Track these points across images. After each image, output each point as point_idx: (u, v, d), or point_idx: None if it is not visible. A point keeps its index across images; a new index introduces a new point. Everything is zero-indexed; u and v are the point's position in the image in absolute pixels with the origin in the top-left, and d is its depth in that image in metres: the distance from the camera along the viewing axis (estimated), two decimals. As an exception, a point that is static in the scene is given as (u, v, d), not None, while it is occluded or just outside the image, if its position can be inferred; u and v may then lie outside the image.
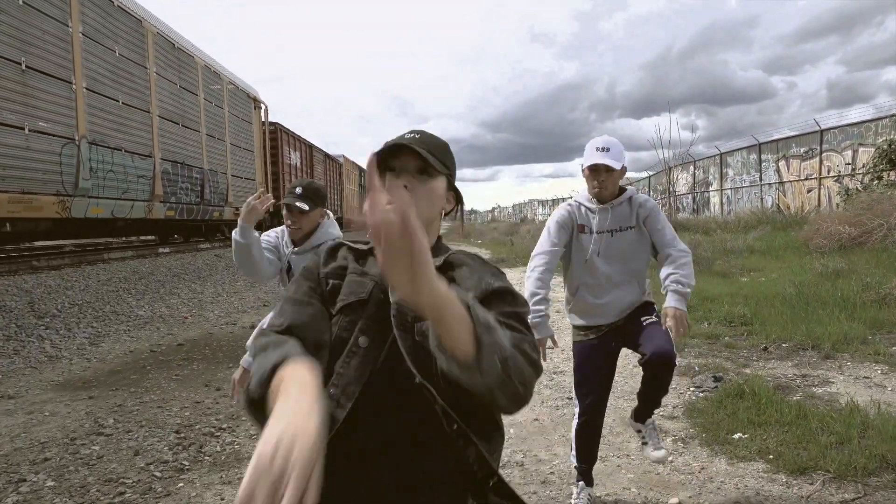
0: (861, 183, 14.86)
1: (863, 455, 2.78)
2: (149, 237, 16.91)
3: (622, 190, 2.57)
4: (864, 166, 15.24)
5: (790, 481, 2.76)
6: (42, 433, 3.82)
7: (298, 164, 24.08)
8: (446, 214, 1.26)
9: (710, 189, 25.07)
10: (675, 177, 27.81)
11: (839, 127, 17.08)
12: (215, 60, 15.52)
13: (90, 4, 9.56)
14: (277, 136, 21.16)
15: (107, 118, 10.12)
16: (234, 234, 2.50)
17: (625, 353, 2.72)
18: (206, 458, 3.42)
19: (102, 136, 9.99)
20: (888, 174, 13.69)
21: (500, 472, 1.04)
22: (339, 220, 33.93)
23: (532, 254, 2.55)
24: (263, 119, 19.48)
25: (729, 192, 23.32)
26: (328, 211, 2.83)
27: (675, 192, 27.37)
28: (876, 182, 13.92)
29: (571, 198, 2.68)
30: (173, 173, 12.90)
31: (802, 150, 18.57)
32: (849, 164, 16.49)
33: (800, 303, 6.19)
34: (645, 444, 2.73)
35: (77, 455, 3.45)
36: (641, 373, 2.47)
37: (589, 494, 2.67)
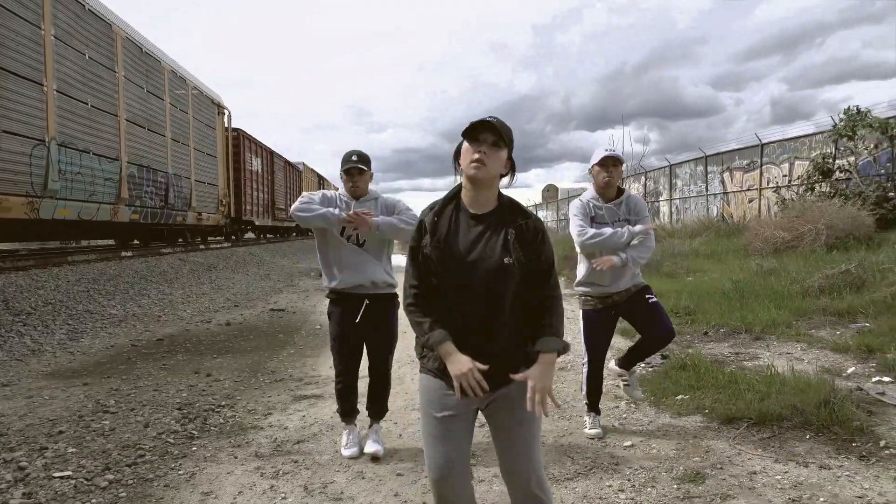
0: (797, 193, 16.02)
1: (778, 405, 3.38)
2: (108, 242, 16.74)
3: (621, 192, 3.31)
4: (799, 178, 16.42)
5: (721, 427, 3.34)
6: (48, 413, 4.07)
7: (260, 171, 24.11)
8: (503, 176, 1.84)
9: (661, 199, 26.27)
10: (627, 187, 28.96)
11: (777, 141, 18.31)
12: (181, 65, 15.59)
13: (62, 7, 9.64)
14: (240, 142, 21.21)
15: (76, 121, 10.16)
16: (329, 215, 3.08)
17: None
18: (213, 428, 3.77)
19: (71, 138, 10.03)
20: (820, 185, 14.84)
21: None
22: (299, 228, 33.91)
23: (575, 232, 3.24)
24: (227, 125, 19.53)
25: (678, 201, 24.52)
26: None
27: (627, 201, 28.44)
28: (809, 192, 15.06)
29: (578, 196, 3.44)
30: (139, 177, 12.92)
31: (745, 162, 19.77)
32: (786, 175, 17.70)
33: (736, 296, 6.90)
34: (628, 386, 3.57)
35: (89, 428, 3.73)
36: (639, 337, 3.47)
37: (599, 420, 3.47)
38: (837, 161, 14.62)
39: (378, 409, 3.36)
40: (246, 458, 3.27)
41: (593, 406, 3.49)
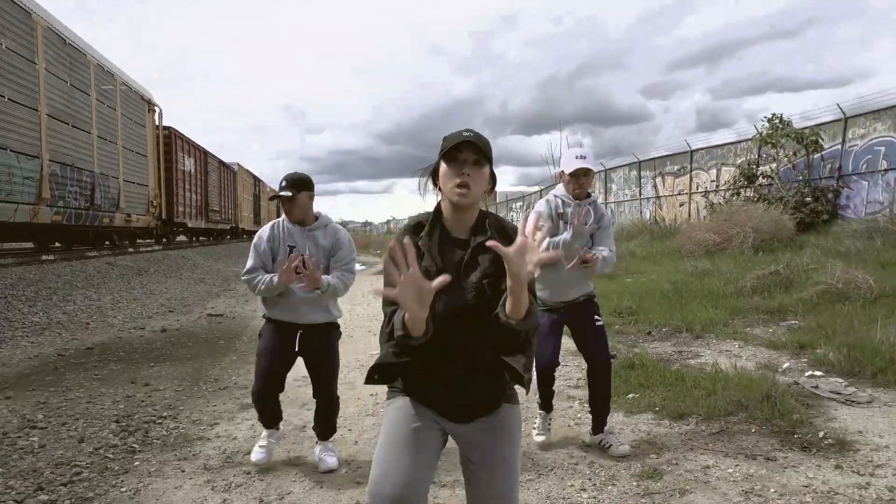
0: (724, 198, 16.85)
1: (724, 401, 3.52)
2: (26, 244, 15.67)
3: (588, 193, 3.23)
4: (725, 183, 17.28)
5: (672, 424, 3.44)
6: (-34, 430, 3.74)
7: (193, 171, 23.20)
8: (487, 192, 1.68)
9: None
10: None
11: (706, 148, 19.22)
12: (108, 59, 14.80)
13: (-25, -7, 8.98)
14: (172, 141, 20.35)
15: (-9, 115, 9.49)
16: (269, 284, 2.95)
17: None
18: (156, 441, 3.56)
19: (-14, 133, 9.36)
20: (745, 190, 15.67)
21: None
22: (234, 230, 32.86)
23: None
24: (158, 123, 18.70)
25: (612, 205, 25.30)
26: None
27: (565, 204, 29.11)
28: (735, 197, 15.87)
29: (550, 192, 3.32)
30: (62, 176, 12.16)
31: (676, 168, 20.63)
32: (713, 181, 18.59)
33: (675, 296, 7.18)
34: (611, 447, 3.10)
35: (16, 446, 3.45)
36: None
37: (549, 422, 3.39)
38: (761, 167, 15.47)
39: (326, 430, 3.18)
40: (194, 471, 3.10)
41: (545, 403, 3.35)
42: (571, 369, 4.89)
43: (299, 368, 3.22)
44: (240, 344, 6.67)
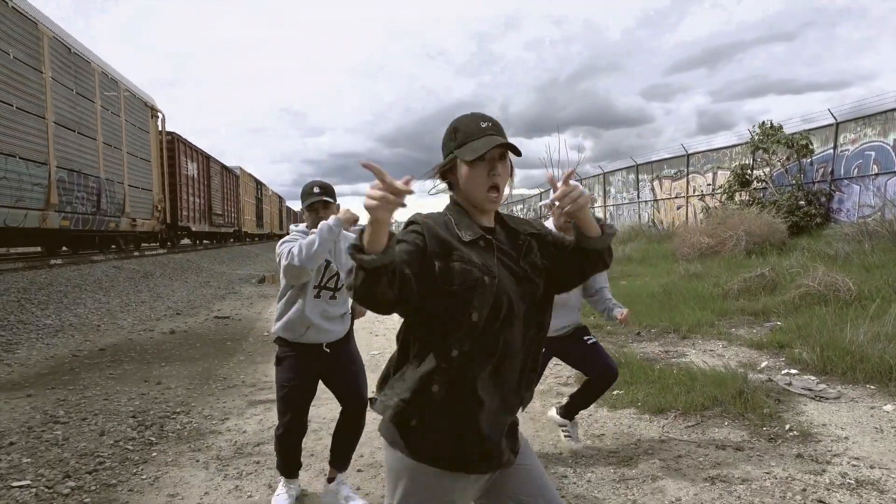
0: (720, 201, 17.09)
1: (701, 396, 3.77)
2: (33, 249, 15.96)
3: None
4: (721, 187, 17.52)
5: (652, 418, 3.70)
6: (-7, 426, 4.00)
7: (196, 176, 23.52)
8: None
9: (595, 206, 27.31)
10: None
11: (702, 152, 19.47)
12: (112, 67, 15.11)
13: (-15, 6, 9.28)
14: (175, 146, 20.68)
15: (0, 123, 9.77)
16: (328, 227, 2.58)
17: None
18: (171, 434, 3.83)
19: (-4, 141, 9.64)
20: (740, 194, 15.92)
21: None
22: (237, 233, 33.14)
23: None
24: (161, 128, 19.01)
25: (611, 208, 25.57)
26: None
27: (564, 207, 29.31)
28: (730, 201, 16.11)
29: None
30: (69, 182, 12.46)
31: (673, 171, 20.89)
32: (710, 184, 18.84)
33: (665, 298, 7.42)
34: (569, 437, 3.31)
35: (41, 439, 3.72)
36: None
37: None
38: (755, 171, 15.71)
39: (346, 455, 2.92)
40: (207, 461, 3.36)
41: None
42: (563, 367, 5.15)
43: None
44: (246, 345, 6.92)
